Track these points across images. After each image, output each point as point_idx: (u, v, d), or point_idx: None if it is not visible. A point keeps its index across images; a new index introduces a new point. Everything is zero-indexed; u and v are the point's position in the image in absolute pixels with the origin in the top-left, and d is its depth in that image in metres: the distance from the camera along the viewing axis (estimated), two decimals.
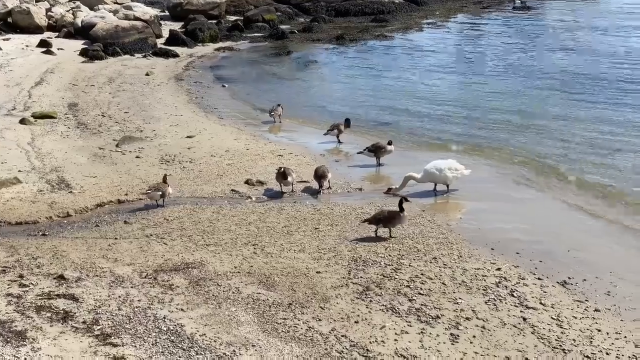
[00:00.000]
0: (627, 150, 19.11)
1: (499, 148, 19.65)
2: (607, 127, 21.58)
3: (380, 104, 25.83)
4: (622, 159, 18.34)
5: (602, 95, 26.06)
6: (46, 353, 8.70)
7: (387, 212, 13.32)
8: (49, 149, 18.76)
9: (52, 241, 12.94)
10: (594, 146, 19.61)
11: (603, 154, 18.83)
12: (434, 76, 31.37)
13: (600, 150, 19.25)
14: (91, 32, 37.09)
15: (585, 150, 19.29)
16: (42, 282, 10.97)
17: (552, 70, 31.73)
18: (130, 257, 12.17)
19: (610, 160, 18.28)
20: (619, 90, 26.81)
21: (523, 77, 30.56)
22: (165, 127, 21.71)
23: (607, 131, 21.08)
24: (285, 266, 11.85)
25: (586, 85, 28.08)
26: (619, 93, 26.38)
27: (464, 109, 24.84)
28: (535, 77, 30.45)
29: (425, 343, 9.47)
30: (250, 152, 18.96)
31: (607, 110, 23.76)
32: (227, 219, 14.15)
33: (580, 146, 19.61)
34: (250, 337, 9.41)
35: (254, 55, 38.16)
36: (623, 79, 28.84)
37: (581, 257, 12.56)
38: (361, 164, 18.39)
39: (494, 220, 14.43)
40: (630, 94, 26.05)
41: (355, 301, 10.63)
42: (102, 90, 27.05)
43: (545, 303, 10.73)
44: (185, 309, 10.17)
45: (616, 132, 21.02)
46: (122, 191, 15.78)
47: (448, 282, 11.34)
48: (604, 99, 25.45)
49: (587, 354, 9.31)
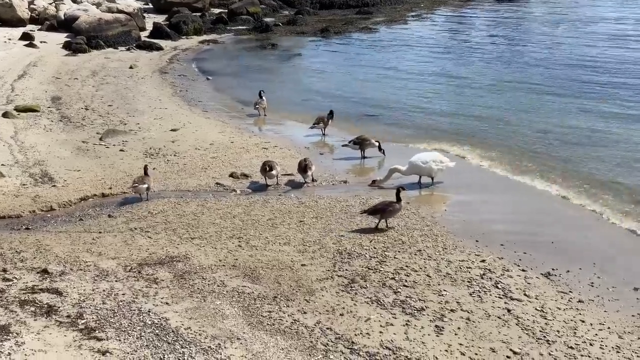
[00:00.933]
0: (612, 141, 19.24)
1: (484, 140, 19.69)
2: (592, 118, 21.74)
3: (365, 97, 25.85)
4: (607, 150, 18.43)
5: (586, 87, 26.23)
6: (30, 347, 8.65)
7: (385, 203, 13.35)
8: (32, 142, 18.65)
9: (35, 235, 12.86)
10: (579, 137, 19.72)
11: (588, 146, 18.94)
12: (418, 68, 31.45)
13: (584, 141, 19.36)
14: (74, 25, 36.91)
15: (569, 141, 19.39)
16: (25, 276, 10.90)
17: (536, 62, 31.92)
18: (114, 250, 12.12)
19: (595, 152, 18.36)
20: (604, 81, 27.01)
21: (507, 69, 30.76)
22: (150, 120, 21.62)
23: (592, 123, 21.22)
24: (270, 259, 11.83)
25: (570, 76, 28.25)
26: (604, 84, 26.56)
27: (448, 102, 24.96)
28: (520, 69, 30.65)
29: (410, 335, 9.48)
30: (235, 145, 18.92)
31: (591, 101, 23.91)
32: (212, 212, 14.12)
33: (564, 137, 19.71)
34: (236, 330, 9.40)
35: (239, 48, 38.10)
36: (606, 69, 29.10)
37: (565, 248, 12.62)
38: (346, 156, 18.40)
39: (478, 212, 14.47)
40: (614, 85, 26.24)
41: (340, 294, 10.64)
42: (86, 84, 26.92)
43: (529, 294, 10.78)
44: (170, 303, 10.14)
45: (602, 123, 21.18)
46: (106, 185, 15.71)
47: (433, 274, 11.37)
48: (587, 91, 25.64)
49: (571, 345, 9.36)
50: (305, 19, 47.50)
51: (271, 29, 43.26)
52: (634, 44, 36.08)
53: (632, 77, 27.67)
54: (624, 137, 19.60)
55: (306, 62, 34.18)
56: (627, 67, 29.60)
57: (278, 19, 47.81)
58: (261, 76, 30.02)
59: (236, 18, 46.39)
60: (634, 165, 17.13)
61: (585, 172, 16.85)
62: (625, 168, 17.00)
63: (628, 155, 17.92)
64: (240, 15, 46.92)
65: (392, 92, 26.51)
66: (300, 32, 43.13)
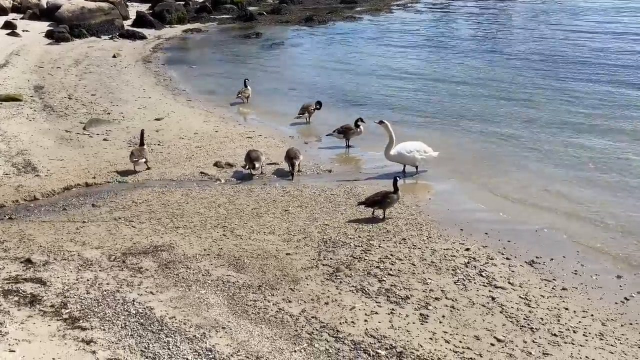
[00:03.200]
0: (598, 129, 19.37)
1: (468, 129, 19.74)
2: (577, 104, 21.90)
3: (349, 85, 25.89)
4: (591, 138, 18.53)
5: (572, 73, 26.45)
6: (14, 337, 8.60)
7: (383, 194, 13.37)
8: (15, 132, 18.52)
9: (18, 225, 12.78)
10: (565, 124, 19.83)
11: (573, 133, 19.02)
12: (403, 57, 31.48)
13: (570, 128, 19.46)
14: (57, 14, 36.71)
15: (554, 129, 19.48)
16: (8, 266, 10.84)
17: (522, 50, 32.03)
18: (98, 240, 12.07)
19: (579, 139, 18.46)
20: (590, 68, 27.19)
21: (493, 57, 30.82)
22: (133, 109, 21.53)
23: (578, 109, 21.38)
24: (255, 248, 11.82)
25: (558, 63, 28.42)
26: (590, 70, 26.75)
27: (433, 90, 25.02)
28: (505, 57, 30.73)
29: (395, 323, 9.50)
30: (219, 134, 18.87)
31: (579, 90, 24.04)
32: (196, 202, 14.09)
33: (551, 127, 19.77)
34: (220, 320, 9.39)
35: (223, 37, 37.98)
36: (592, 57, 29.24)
37: (549, 236, 12.68)
38: (330, 145, 18.39)
39: (462, 201, 14.52)
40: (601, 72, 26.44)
41: (325, 282, 10.64)
42: (69, 73, 26.75)
43: (513, 282, 10.82)
44: (154, 292, 10.11)
45: (587, 109, 21.35)
46: (90, 174, 15.63)
47: (417, 263, 11.39)
48: (573, 77, 25.88)
49: (554, 332, 9.41)
50: (289, 7, 47.44)
51: (255, 18, 43.18)
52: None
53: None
54: (605, 125, 19.74)
55: (290, 51, 34.13)
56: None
57: (262, 8, 47.72)
58: (245, 65, 29.97)
59: (220, 7, 46.27)
60: (614, 155, 17.24)
61: (570, 160, 16.92)
62: (605, 155, 17.12)
63: (609, 145, 18.05)
64: (224, 4, 46.79)
65: (377, 81, 26.56)
66: (284, 21, 43.06)
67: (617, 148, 17.68)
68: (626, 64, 28.04)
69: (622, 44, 32.87)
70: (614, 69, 27.05)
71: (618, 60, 28.98)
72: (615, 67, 27.57)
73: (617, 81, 24.98)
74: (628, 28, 37.71)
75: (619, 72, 26.60)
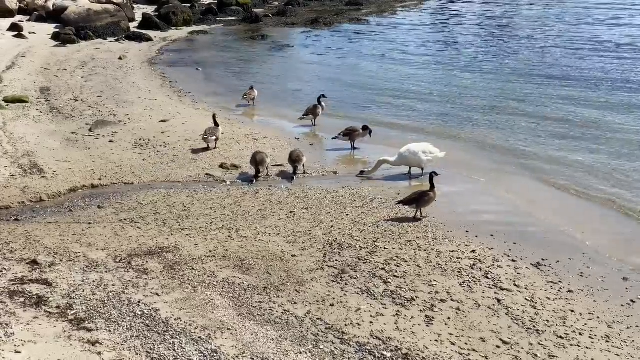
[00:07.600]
0: (602, 131, 19.34)
1: (473, 131, 19.74)
2: (582, 108, 21.84)
3: (355, 88, 25.88)
4: (596, 140, 18.52)
5: (576, 78, 26.36)
6: (20, 338, 8.62)
7: (420, 192, 13.53)
8: (21, 133, 18.55)
9: (25, 226, 12.80)
10: (570, 125, 19.83)
11: (577, 136, 19.01)
12: (409, 59, 31.46)
13: (575, 131, 19.45)
14: (63, 16, 36.76)
15: (559, 131, 19.45)
16: (15, 267, 10.86)
17: (524, 54, 31.98)
18: (104, 241, 12.08)
19: (585, 142, 18.44)
20: (591, 73, 27.12)
21: (497, 61, 30.76)
22: (139, 111, 21.54)
23: (582, 111, 21.35)
24: (260, 250, 11.82)
25: (560, 69, 28.34)
26: (591, 76, 26.67)
27: (439, 92, 25.01)
28: (509, 60, 30.68)
29: (401, 325, 9.50)
30: (225, 136, 18.87)
31: (580, 92, 24.03)
32: (202, 203, 14.10)
33: (555, 127, 19.77)
34: (226, 321, 9.39)
35: (228, 39, 38.00)
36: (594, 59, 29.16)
37: (554, 238, 12.67)
38: (336, 147, 18.38)
39: (468, 202, 14.50)
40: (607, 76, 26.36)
41: (330, 284, 10.64)
42: (75, 75, 26.80)
43: (519, 285, 10.81)
44: (160, 293, 10.12)
45: (592, 113, 21.29)
46: (96, 176, 15.64)
47: (423, 265, 11.38)
48: (576, 81, 25.79)
49: (560, 335, 9.39)
50: (295, 10, 47.44)
51: (261, 20, 43.19)
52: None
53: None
54: (617, 126, 19.73)
55: (296, 53, 34.12)
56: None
57: (268, 10, 47.74)
58: (251, 67, 29.98)
59: (226, 9, 46.25)
60: (622, 155, 17.23)
61: (576, 162, 16.93)
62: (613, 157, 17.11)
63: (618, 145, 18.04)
64: (230, 6, 46.77)
65: (383, 83, 26.53)
66: (290, 23, 43.05)
67: (622, 153, 17.66)
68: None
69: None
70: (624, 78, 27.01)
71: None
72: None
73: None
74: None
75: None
